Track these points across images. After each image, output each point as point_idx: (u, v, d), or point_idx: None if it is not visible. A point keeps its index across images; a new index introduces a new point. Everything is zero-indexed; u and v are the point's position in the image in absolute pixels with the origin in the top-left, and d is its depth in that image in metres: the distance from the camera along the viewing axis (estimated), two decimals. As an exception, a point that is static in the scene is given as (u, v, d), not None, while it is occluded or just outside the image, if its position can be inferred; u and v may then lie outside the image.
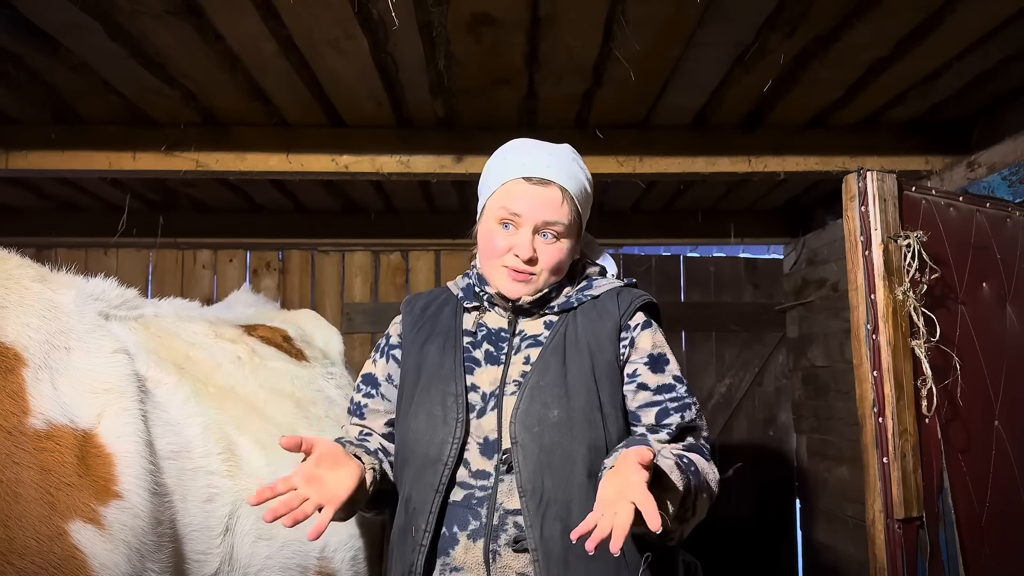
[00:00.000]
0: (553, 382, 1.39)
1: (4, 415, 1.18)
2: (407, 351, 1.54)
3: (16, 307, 1.30)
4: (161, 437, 1.39)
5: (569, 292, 1.52)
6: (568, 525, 1.28)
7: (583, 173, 1.52)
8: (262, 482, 1.55)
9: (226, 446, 1.53)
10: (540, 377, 1.40)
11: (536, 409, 1.37)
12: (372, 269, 4.09)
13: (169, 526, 1.34)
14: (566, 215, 1.45)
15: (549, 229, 1.45)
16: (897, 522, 1.75)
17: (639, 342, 1.45)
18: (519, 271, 1.44)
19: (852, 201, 1.88)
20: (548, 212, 1.44)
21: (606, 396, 1.40)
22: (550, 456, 1.34)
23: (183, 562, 1.37)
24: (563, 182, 1.45)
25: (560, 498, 1.32)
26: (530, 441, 1.35)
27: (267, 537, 1.53)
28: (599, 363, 1.42)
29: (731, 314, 4.16)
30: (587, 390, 1.39)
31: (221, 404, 1.61)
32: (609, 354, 1.43)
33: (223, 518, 1.45)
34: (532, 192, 1.44)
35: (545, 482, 1.33)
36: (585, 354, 1.42)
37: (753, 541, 4.06)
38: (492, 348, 1.48)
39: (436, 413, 1.42)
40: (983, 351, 1.98)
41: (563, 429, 1.36)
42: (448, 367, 1.46)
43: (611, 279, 1.57)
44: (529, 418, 1.37)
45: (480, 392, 1.43)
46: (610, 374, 1.42)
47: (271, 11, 1.92)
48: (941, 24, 2.00)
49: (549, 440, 1.35)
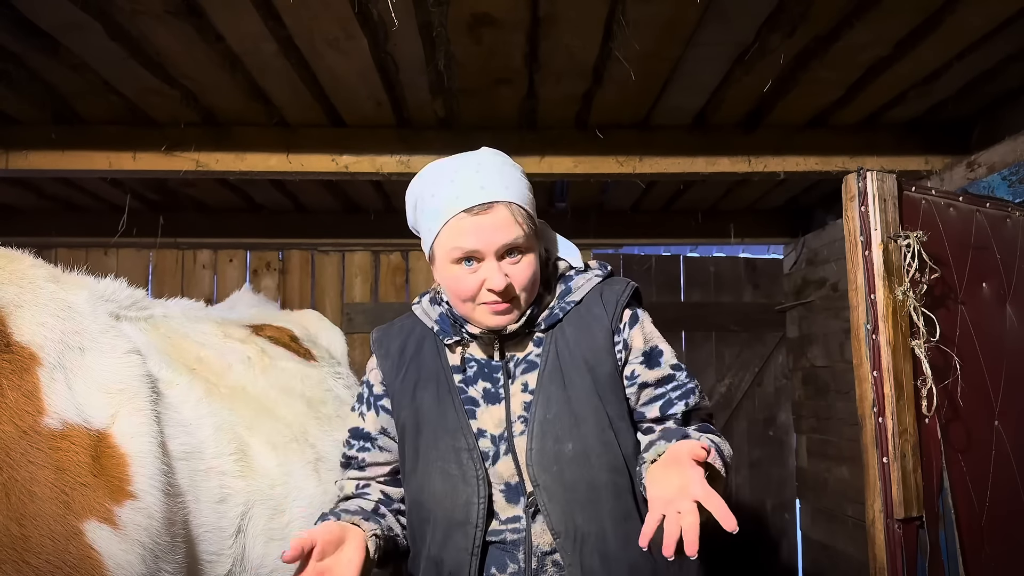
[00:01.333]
0: (560, 413, 1.33)
1: (20, 414, 1.19)
2: (397, 401, 1.44)
3: (31, 306, 1.31)
4: (174, 438, 1.40)
5: (552, 303, 1.42)
6: (606, 554, 1.26)
7: (515, 170, 1.40)
8: (274, 483, 1.55)
9: (238, 447, 1.53)
10: (546, 410, 1.33)
11: (549, 447, 1.31)
12: (372, 269, 4.09)
13: (182, 527, 1.34)
14: (521, 229, 1.32)
15: (512, 249, 1.32)
16: (897, 522, 1.75)
17: (632, 342, 1.39)
18: (498, 303, 1.33)
19: (852, 201, 1.88)
20: (504, 235, 1.30)
21: (613, 411, 1.35)
22: (575, 492, 1.30)
23: (196, 563, 1.38)
24: (504, 196, 1.32)
25: (594, 531, 1.28)
26: (552, 482, 1.30)
27: (279, 538, 1.53)
28: (600, 378, 1.35)
29: (731, 314, 4.16)
30: (594, 412, 1.33)
31: (233, 405, 1.61)
32: (608, 366, 1.36)
33: (235, 519, 1.46)
34: (479, 223, 1.30)
35: (576, 519, 1.29)
36: (584, 371, 1.35)
37: (753, 541, 4.06)
38: (489, 384, 1.39)
39: (452, 472, 1.34)
40: (983, 351, 1.98)
41: (581, 462, 1.31)
42: (451, 417, 1.37)
43: (587, 275, 1.45)
44: (545, 458, 1.31)
45: (488, 436, 1.36)
46: (613, 386, 1.36)
47: (271, 11, 1.92)
48: (941, 24, 2.00)
49: (571, 476, 1.30)
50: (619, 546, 1.28)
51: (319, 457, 1.72)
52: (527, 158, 2.76)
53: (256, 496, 1.51)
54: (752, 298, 4.22)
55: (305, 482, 1.64)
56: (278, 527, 1.53)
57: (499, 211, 1.31)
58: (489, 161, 1.39)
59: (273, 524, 1.53)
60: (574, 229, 3.99)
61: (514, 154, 2.86)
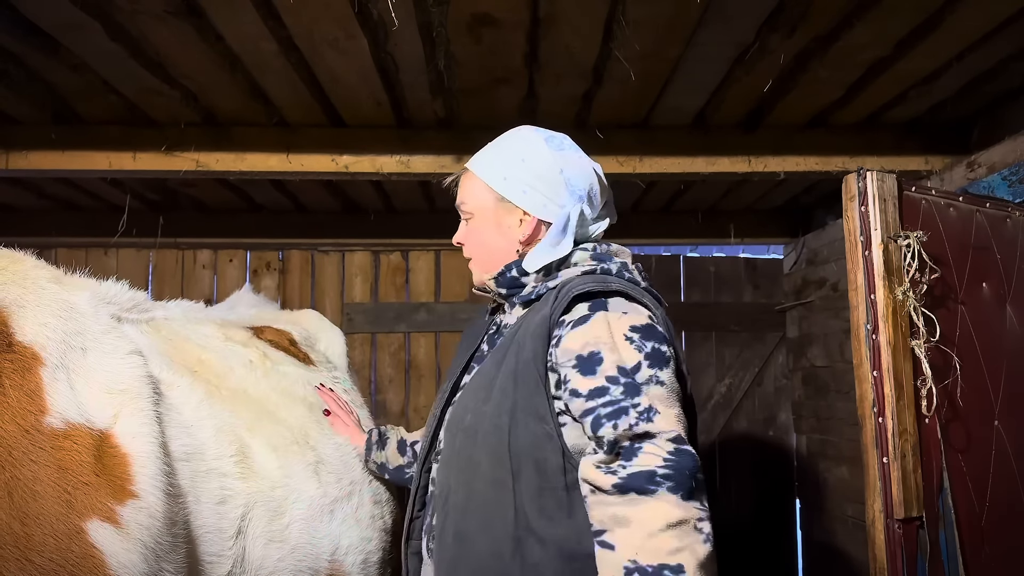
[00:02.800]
0: (479, 385, 1.37)
1: (22, 413, 1.19)
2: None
3: (34, 307, 1.31)
4: (175, 439, 1.40)
5: (534, 282, 1.42)
6: (460, 531, 1.29)
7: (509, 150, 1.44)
8: (274, 485, 1.56)
9: (239, 448, 1.54)
10: (474, 379, 1.42)
11: (458, 413, 1.40)
12: (372, 269, 4.09)
13: (183, 527, 1.35)
14: (469, 194, 1.48)
15: (462, 212, 1.51)
16: (897, 522, 1.75)
17: (565, 342, 1.26)
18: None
19: (852, 201, 1.88)
20: (459, 196, 1.51)
21: (521, 399, 1.27)
22: (457, 458, 1.36)
23: (196, 563, 1.38)
24: (471, 165, 1.49)
25: (458, 502, 1.31)
26: (446, 446, 1.40)
27: (279, 540, 1.54)
28: (520, 361, 1.30)
29: (731, 314, 4.16)
30: (501, 393, 1.30)
31: (234, 407, 1.61)
32: (529, 352, 1.29)
33: (235, 520, 1.46)
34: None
35: (450, 480, 1.35)
36: (514, 353, 1.32)
37: (753, 541, 4.06)
38: (487, 347, 1.51)
39: (433, 411, 1.52)
40: (983, 351, 1.98)
41: (470, 435, 1.32)
42: (456, 365, 1.54)
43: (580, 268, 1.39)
44: (452, 421, 1.41)
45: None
46: (528, 374, 1.28)
47: (271, 11, 1.92)
48: (941, 24, 2.00)
49: (458, 445, 1.36)
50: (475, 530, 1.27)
51: (319, 460, 1.72)
52: (527, 158, 2.76)
53: (256, 498, 1.51)
54: (752, 298, 4.22)
55: (305, 484, 1.65)
56: (278, 529, 1.54)
57: (464, 176, 1.51)
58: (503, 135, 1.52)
59: (273, 526, 1.53)
60: (574, 229, 4.00)
61: (514, 154, 2.86)
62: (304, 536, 1.59)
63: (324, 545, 1.63)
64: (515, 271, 1.43)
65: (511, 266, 1.44)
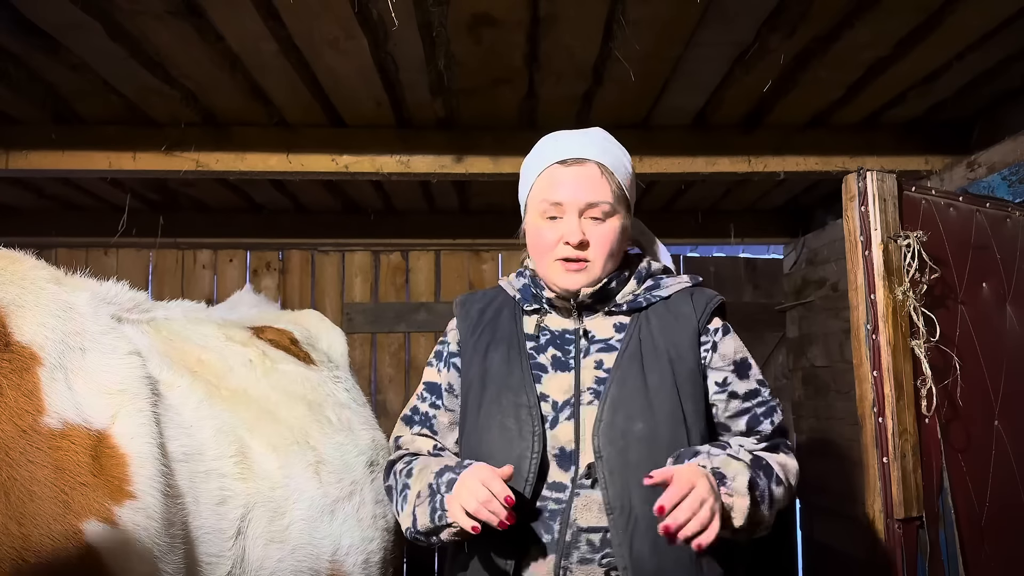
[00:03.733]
0: (634, 392, 1.33)
1: (20, 414, 1.19)
2: (468, 359, 1.47)
3: (32, 307, 1.31)
4: (174, 439, 1.40)
5: (636, 291, 1.43)
6: (657, 544, 1.23)
7: (620, 151, 1.45)
8: (274, 485, 1.55)
9: (239, 449, 1.53)
10: (620, 387, 1.33)
11: (620, 422, 1.31)
12: (372, 269, 4.09)
13: (181, 528, 1.34)
14: (609, 191, 1.37)
15: (595, 209, 1.37)
16: (897, 522, 1.75)
17: (722, 348, 1.40)
18: (572, 260, 1.37)
19: (852, 201, 1.88)
20: (590, 192, 1.37)
21: (689, 407, 1.33)
22: (636, 472, 1.25)
23: (195, 564, 1.37)
24: (598, 158, 1.39)
25: (649, 514, 1.22)
26: (615, 456, 1.29)
27: (279, 540, 1.53)
28: (681, 372, 1.35)
29: (731, 314, 4.14)
30: (671, 401, 1.32)
31: (234, 407, 1.61)
32: (691, 362, 1.36)
33: (235, 521, 1.45)
34: (569, 174, 1.38)
35: (633, 498, 1.27)
36: (665, 362, 1.35)
37: (753, 541, 4.05)
38: (559, 353, 1.41)
39: (510, 426, 1.35)
40: (983, 351, 1.98)
41: (648, 443, 1.29)
42: (516, 376, 1.39)
43: (679, 277, 1.47)
44: (613, 431, 1.30)
45: (551, 401, 1.37)
46: (693, 383, 1.35)
47: (271, 11, 1.92)
48: (941, 24, 2.00)
49: (635, 455, 1.28)
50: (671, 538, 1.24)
51: (320, 460, 1.72)
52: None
53: (256, 498, 1.51)
54: (752, 298, 4.21)
55: (306, 484, 1.64)
56: (278, 529, 1.53)
57: (590, 167, 1.38)
58: (594, 132, 1.47)
59: (273, 526, 1.53)
60: (574, 229, 4.00)
61: (514, 154, 2.88)
62: (305, 536, 1.58)
63: (325, 546, 1.63)
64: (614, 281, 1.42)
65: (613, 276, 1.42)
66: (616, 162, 1.42)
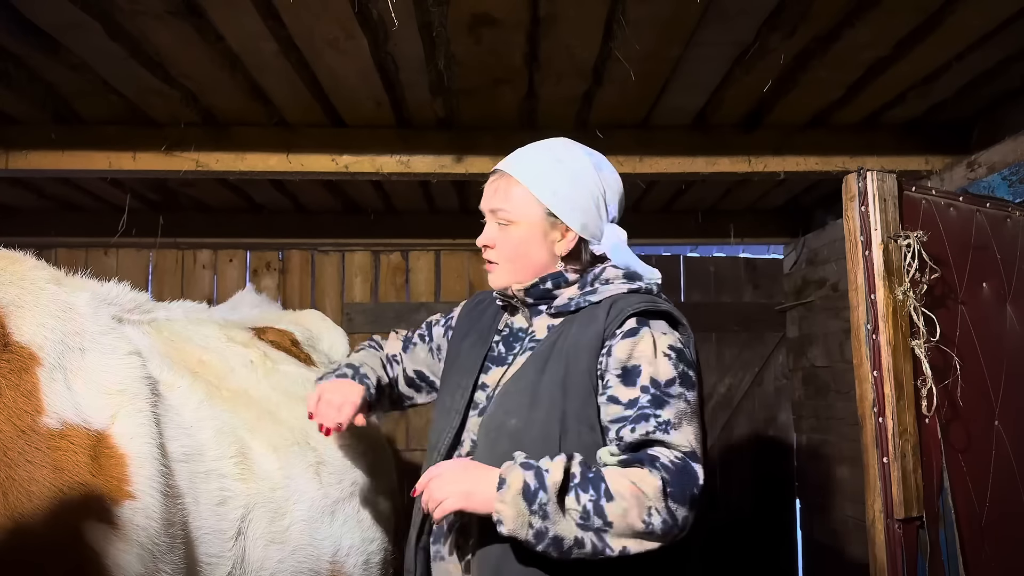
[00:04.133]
0: (522, 390, 1.39)
1: (18, 414, 1.19)
2: (453, 339, 1.64)
3: (32, 307, 1.31)
4: (174, 439, 1.40)
5: (573, 295, 1.47)
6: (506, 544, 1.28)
7: (562, 166, 1.46)
8: (275, 486, 1.56)
9: (239, 449, 1.53)
10: (513, 384, 1.42)
11: (498, 416, 1.39)
12: (372, 269, 4.09)
13: (181, 528, 1.34)
14: (511, 202, 1.45)
15: (497, 216, 1.47)
16: (897, 522, 1.75)
17: (616, 352, 1.35)
18: (487, 261, 1.51)
19: (852, 201, 1.88)
20: (495, 200, 1.47)
21: (572, 409, 1.34)
22: (501, 463, 1.28)
23: (195, 564, 1.37)
24: (512, 170, 1.47)
25: None
26: (486, 447, 1.37)
27: (279, 541, 1.53)
28: (572, 372, 1.36)
29: (731, 314, 4.16)
30: (551, 401, 1.35)
31: (234, 407, 1.61)
32: (584, 364, 1.36)
33: (235, 521, 1.45)
34: (488, 186, 1.51)
35: None
36: (562, 362, 1.38)
37: (753, 541, 4.06)
38: (504, 349, 1.52)
39: (446, 403, 1.51)
40: (983, 351, 1.98)
41: (516, 438, 1.34)
42: (470, 361, 1.52)
43: (623, 284, 1.46)
44: (491, 424, 1.40)
45: (487, 392, 1.47)
46: (582, 385, 1.35)
47: (271, 11, 1.92)
48: (941, 24, 2.00)
49: (502, 448, 1.33)
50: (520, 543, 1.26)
51: (320, 461, 1.72)
52: (527, 158, 2.76)
53: (257, 499, 1.51)
54: (752, 298, 4.22)
55: (306, 485, 1.64)
56: (279, 530, 1.53)
57: (503, 179, 1.48)
58: (544, 145, 1.52)
59: (274, 527, 1.53)
60: (574, 229, 3.99)
61: (514, 154, 2.85)
62: (305, 537, 1.58)
63: (325, 546, 1.63)
64: (550, 283, 1.47)
65: (548, 278, 1.47)
66: (538, 177, 1.45)
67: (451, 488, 1.25)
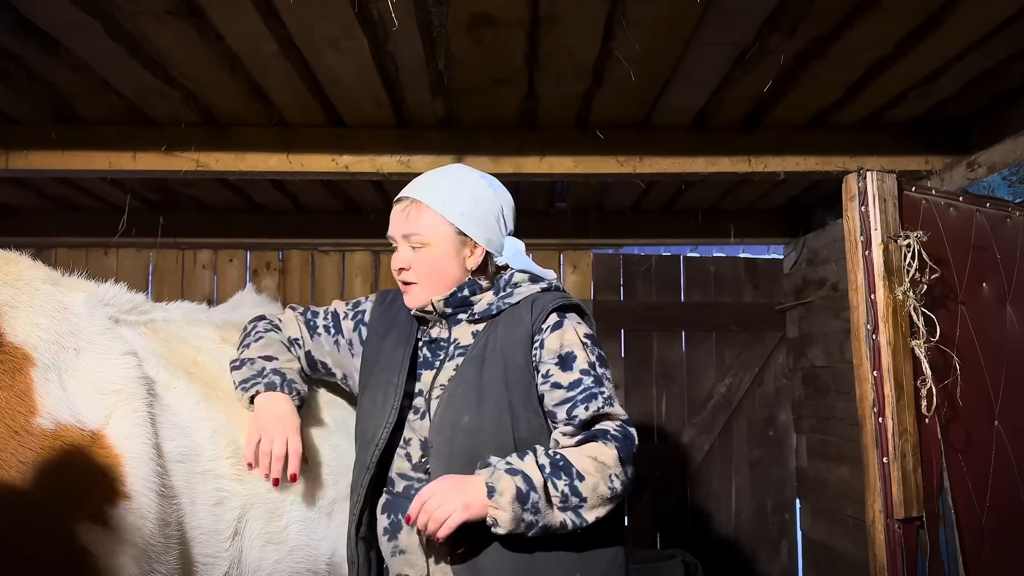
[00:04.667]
0: (468, 389, 1.52)
1: (12, 414, 1.18)
2: (369, 339, 1.71)
3: (26, 307, 1.31)
4: (170, 440, 1.39)
5: (491, 300, 1.62)
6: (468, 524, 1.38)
7: (465, 189, 1.61)
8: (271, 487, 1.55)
9: (235, 450, 1.53)
10: (457, 385, 1.54)
11: (450, 415, 1.51)
12: (372, 269, 4.09)
13: (176, 528, 1.34)
14: (424, 225, 1.58)
15: (411, 240, 1.59)
16: (897, 522, 1.75)
17: (548, 343, 1.54)
18: (402, 282, 1.61)
19: (852, 201, 1.88)
20: (407, 225, 1.59)
21: (518, 398, 1.51)
22: (460, 456, 1.47)
23: (191, 565, 1.37)
24: (420, 196, 1.60)
25: None
26: (443, 445, 1.50)
27: (276, 542, 1.53)
28: (511, 367, 1.52)
29: (731, 314, 4.16)
30: (497, 395, 1.50)
31: (229, 409, 1.61)
32: (520, 358, 1.53)
33: (232, 522, 1.45)
34: (395, 211, 1.63)
35: None
36: (499, 360, 1.53)
37: (753, 541, 4.06)
38: (430, 355, 1.63)
39: (377, 400, 1.59)
40: (983, 351, 1.98)
41: (472, 433, 1.49)
42: (396, 358, 1.62)
43: (531, 286, 1.63)
44: (443, 423, 1.51)
45: (423, 396, 1.59)
46: (522, 377, 1.53)
47: (271, 11, 1.92)
48: (941, 24, 2.00)
49: (459, 443, 1.48)
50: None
51: (316, 462, 1.72)
52: (527, 158, 2.76)
53: (253, 499, 1.51)
54: (752, 298, 4.21)
55: (303, 486, 1.64)
56: (275, 531, 1.53)
57: (411, 205, 1.60)
58: (444, 172, 1.67)
59: (270, 528, 1.52)
60: (574, 229, 3.99)
61: (514, 154, 2.88)
62: (302, 538, 1.58)
63: (323, 547, 1.62)
64: (467, 291, 1.61)
65: (464, 286, 1.61)
66: (444, 200, 1.59)
67: (449, 505, 1.35)
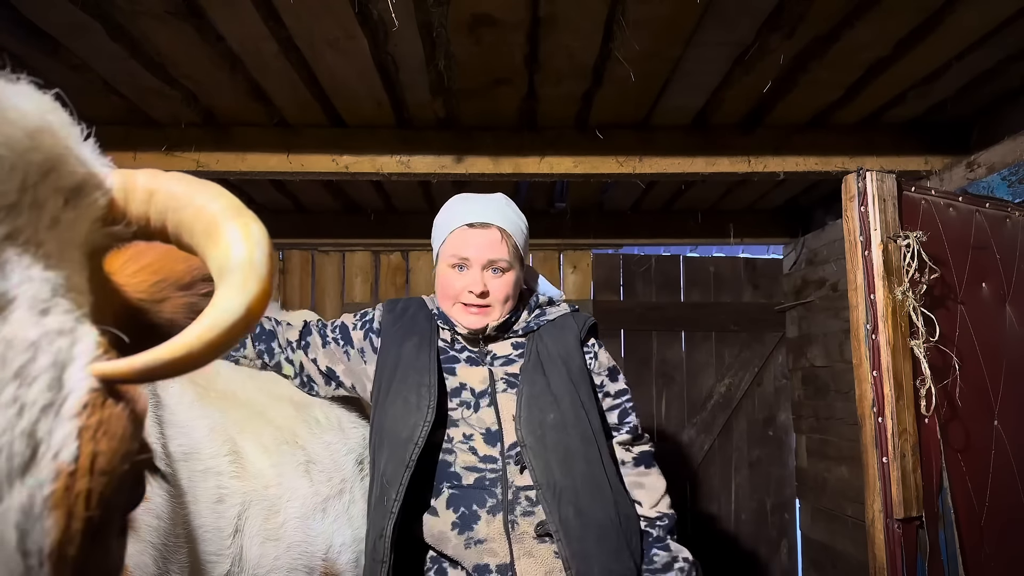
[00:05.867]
0: (542, 391, 1.65)
1: None
2: (386, 346, 1.75)
3: None
4: (173, 439, 1.40)
5: (528, 318, 1.78)
6: (580, 508, 1.55)
7: (518, 216, 1.78)
8: (268, 484, 1.57)
9: (232, 448, 1.54)
10: (530, 388, 1.65)
11: (535, 415, 1.62)
12: (372, 269, 4.10)
13: (183, 527, 1.35)
14: (507, 251, 1.71)
15: (495, 265, 1.70)
16: (897, 522, 1.76)
17: (600, 357, 1.77)
18: (474, 305, 1.69)
19: (852, 201, 1.88)
20: (492, 251, 1.69)
21: (584, 395, 1.67)
22: (554, 452, 1.59)
23: (197, 563, 1.38)
24: (501, 224, 1.71)
25: (569, 485, 1.56)
26: (536, 443, 1.60)
27: (274, 539, 1.54)
28: (572, 368, 1.69)
29: (731, 314, 4.16)
30: (569, 393, 1.65)
31: (224, 408, 1.62)
32: (579, 360, 1.72)
33: (233, 519, 1.46)
34: (476, 236, 1.70)
35: (555, 474, 1.57)
36: (559, 364, 1.69)
37: (753, 540, 4.06)
38: (472, 354, 1.74)
39: (411, 400, 1.64)
40: (983, 351, 1.98)
41: (559, 428, 1.61)
42: (423, 361, 1.68)
43: (560, 306, 1.84)
44: (531, 423, 1.62)
45: (469, 389, 1.68)
46: (582, 376, 1.70)
47: (271, 11, 1.92)
48: (941, 24, 2.00)
49: (551, 439, 1.60)
50: (588, 502, 1.56)
51: (309, 459, 1.73)
52: (527, 158, 2.76)
53: (252, 496, 1.52)
54: (752, 298, 4.21)
55: (298, 483, 1.65)
56: (273, 527, 1.54)
57: (492, 232, 1.70)
58: (498, 199, 1.78)
59: (269, 524, 1.54)
60: (574, 229, 3.99)
61: (514, 154, 2.87)
62: (299, 534, 1.59)
63: (318, 543, 1.64)
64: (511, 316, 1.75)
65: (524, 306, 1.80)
66: (514, 227, 1.74)
67: None
